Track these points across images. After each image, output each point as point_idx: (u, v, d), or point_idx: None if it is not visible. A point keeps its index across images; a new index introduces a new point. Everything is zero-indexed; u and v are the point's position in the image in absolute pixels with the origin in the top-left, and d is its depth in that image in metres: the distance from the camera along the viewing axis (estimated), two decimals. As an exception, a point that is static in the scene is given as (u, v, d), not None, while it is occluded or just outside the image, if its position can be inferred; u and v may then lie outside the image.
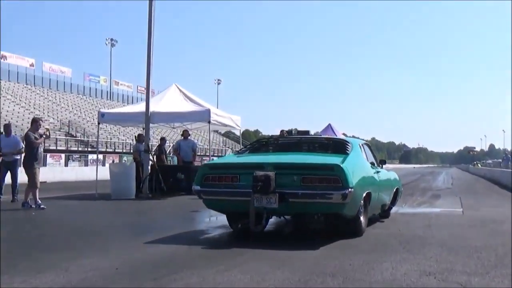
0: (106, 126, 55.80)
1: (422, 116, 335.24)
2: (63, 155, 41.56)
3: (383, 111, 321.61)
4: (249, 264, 5.98)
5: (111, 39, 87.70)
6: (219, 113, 17.32)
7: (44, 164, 32.28)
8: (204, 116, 16.30)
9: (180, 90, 17.70)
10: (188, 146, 18.36)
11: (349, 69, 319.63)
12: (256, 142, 10.31)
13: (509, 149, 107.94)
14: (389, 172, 11.26)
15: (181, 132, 19.07)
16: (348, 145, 8.76)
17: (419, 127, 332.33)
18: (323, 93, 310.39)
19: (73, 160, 42.64)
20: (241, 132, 22.65)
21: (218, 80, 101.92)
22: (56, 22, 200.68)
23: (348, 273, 5.55)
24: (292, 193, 7.39)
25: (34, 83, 68.13)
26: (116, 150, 53.12)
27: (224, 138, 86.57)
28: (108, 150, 51.51)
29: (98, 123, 17.75)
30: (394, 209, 11.50)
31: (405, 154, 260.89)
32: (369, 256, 6.46)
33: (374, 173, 9.08)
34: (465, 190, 23.29)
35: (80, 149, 49.22)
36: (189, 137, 18.75)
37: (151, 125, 16.94)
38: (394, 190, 10.91)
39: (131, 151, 29.33)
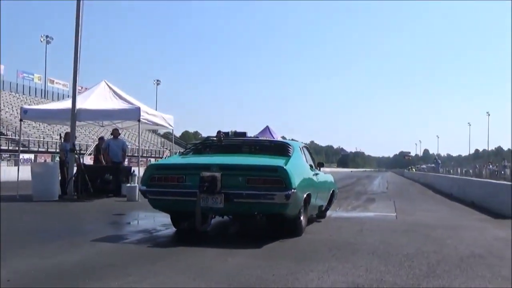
0: (40, 125, 54.17)
1: (360, 121, 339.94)
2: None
3: (322, 115, 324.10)
4: (163, 274, 5.45)
5: (47, 36, 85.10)
6: (150, 112, 16.54)
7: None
8: (134, 114, 15.54)
9: (110, 87, 16.85)
10: (117, 145, 17.54)
11: (288, 72, 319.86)
12: (199, 144, 10.46)
13: (442, 154, 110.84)
14: (326, 174, 11.54)
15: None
16: (289, 148, 9.02)
17: (356, 132, 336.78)
18: (262, 96, 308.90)
19: (2, 160, 40.78)
20: (181, 133, 21.95)
21: (158, 80, 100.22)
22: None
23: (269, 284, 5.06)
24: (237, 194, 7.55)
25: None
26: (49, 150, 51.38)
27: (163, 139, 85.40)
28: (40, 149, 49.82)
29: (21, 120, 16.70)
30: (328, 213, 11.56)
31: (342, 158, 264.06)
32: (296, 265, 6.02)
33: (313, 175, 9.36)
34: (399, 194, 23.44)
35: (10, 148, 47.33)
36: (119, 137, 17.82)
37: (78, 123, 15.95)
38: (331, 192, 11.23)
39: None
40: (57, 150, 37.60)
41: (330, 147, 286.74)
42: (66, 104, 16.01)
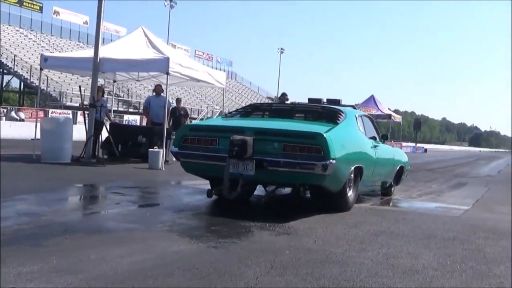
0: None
1: (497, 98, 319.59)
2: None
3: (456, 90, 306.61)
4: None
5: (170, 0, 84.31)
6: (186, 64, 14.17)
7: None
8: (161, 65, 13.36)
9: (146, 35, 14.83)
10: (159, 104, 15.33)
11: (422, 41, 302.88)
12: (249, 106, 10.09)
13: None
14: (393, 148, 11.54)
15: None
16: (340, 115, 8.51)
17: (492, 109, 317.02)
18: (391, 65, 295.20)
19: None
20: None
21: (281, 49, 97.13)
22: None
23: None
24: (271, 161, 7.20)
25: (87, 42, 65.80)
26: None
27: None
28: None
29: (41, 69, 14.86)
30: (374, 200, 10.08)
31: (475, 137, 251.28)
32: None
33: (371, 147, 8.88)
34: (507, 181, 19.08)
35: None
36: (162, 94, 15.45)
37: (102, 74, 13.81)
38: (398, 168, 10.75)
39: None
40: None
41: (463, 124, 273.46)
42: (91, 52, 13.67)
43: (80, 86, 14.99)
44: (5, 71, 52.13)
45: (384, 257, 5.22)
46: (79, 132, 16.75)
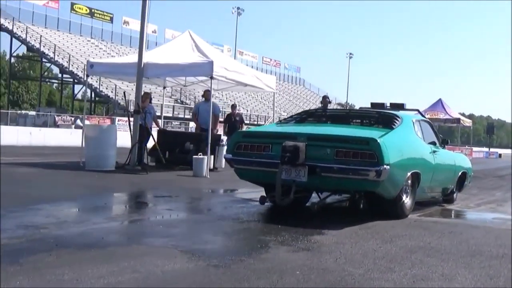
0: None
1: None
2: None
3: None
4: None
5: (238, 8, 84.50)
6: (232, 68, 13.62)
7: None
8: (205, 69, 12.87)
9: (192, 38, 14.41)
10: (208, 110, 14.83)
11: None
12: (304, 112, 10.17)
13: None
14: (454, 153, 11.33)
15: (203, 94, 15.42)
16: (396, 120, 8.35)
17: None
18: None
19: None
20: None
21: (350, 54, 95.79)
22: None
23: None
24: (324, 167, 7.14)
25: (155, 50, 66.71)
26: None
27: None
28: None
29: (87, 76, 14.67)
30: (427, 209, 9.41)
31: None
32: None
33: (430, 152, 8.63)
34: None
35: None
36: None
37: (148, 80, 13.55)
38: (459, 174, 10.34)
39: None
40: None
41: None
42: (136, 57, 13.45)
43: (124, 92, 14.82)
44: (75, 80, 53.32)
45: (411, 279, 4.46)
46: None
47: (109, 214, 7.72)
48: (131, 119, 13.53)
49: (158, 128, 15.74)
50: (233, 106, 18.72)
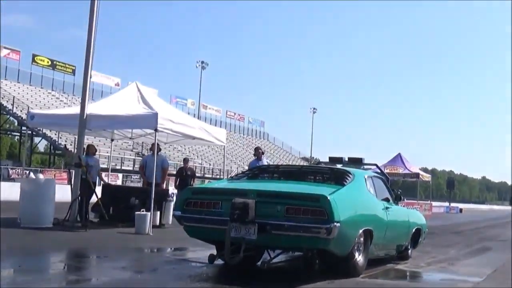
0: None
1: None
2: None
3: (496, 148, 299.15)
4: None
5: (202, 62, 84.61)
6: (177, 120, 13.13)
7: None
8: (149, 121, 12.35)
9: (139, 90, 13.91)
10: (156, 163, 14.10)
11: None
12: (256, 168, 10.26)
13: None
14: (408, 210, 11.31)
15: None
16: (348, 176, 8.29)
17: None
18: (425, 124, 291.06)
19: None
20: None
21: (314, 109, 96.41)
22: (144, 42, 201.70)
23: None
24: (274, 224, 7.02)
25: (119, 104, 66.03)
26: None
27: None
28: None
29: (26, 127, 13.94)
30: (377, 268, 9.08)
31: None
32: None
33: (382, 209, 8.60)
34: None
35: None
36: (159, 152, 14.46)
37: (92, 132, 12.91)
38: (413, 230, 10.32)
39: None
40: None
41: (504, 183, 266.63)
42: (78, 109, 12.82)
43: (65, 145, 14.14)
44: (34, 133, 52.28)
45: None
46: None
47: (21, 277, 6.97)
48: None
49: (102, 183, 15.10)
50: (185, 160, 18.32)
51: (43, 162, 67.93)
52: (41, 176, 33.07)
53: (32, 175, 34.12)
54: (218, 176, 56.88)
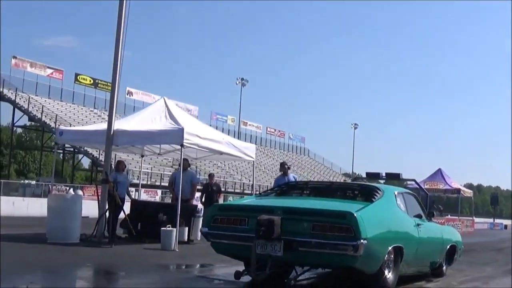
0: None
1: None
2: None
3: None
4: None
5: (242, 79, 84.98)
6: (204, 135, 12.96)
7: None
8: (175, 137, 12.25)
9: (166, 105, 13.86)
10: (184, 179, 14.08)
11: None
12: (284, 185, 10.14)
13: None
14: (442, 226, 11.05)
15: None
16: (376, 193, 8.15)
17: None
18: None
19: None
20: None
21: (355, 124, 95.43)
22: (185, 61, 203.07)
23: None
24: (300, 241, 7.01)
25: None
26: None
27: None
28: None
29: (56, 144, 14.04)
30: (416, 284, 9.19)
31: None
32: None
33: (414, 226, 8.45)
34: None
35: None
36: (189, 168, 14.38)
37: (118, 148, 12.95)
38: (448, 247, 10.13)
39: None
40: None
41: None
42: (105, 125, 12.87)
43: (92, 161, 14.16)
44: (76, 150, 53.06)
45: None
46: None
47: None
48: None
49: (130, 199, 15.08)
50: (211, 176, 18.15)
51: (87, 179, 68.94)
52: (80, 192, 33.51)
53: (71, 191, 34.54)
54: (257, 192, 56.72)
